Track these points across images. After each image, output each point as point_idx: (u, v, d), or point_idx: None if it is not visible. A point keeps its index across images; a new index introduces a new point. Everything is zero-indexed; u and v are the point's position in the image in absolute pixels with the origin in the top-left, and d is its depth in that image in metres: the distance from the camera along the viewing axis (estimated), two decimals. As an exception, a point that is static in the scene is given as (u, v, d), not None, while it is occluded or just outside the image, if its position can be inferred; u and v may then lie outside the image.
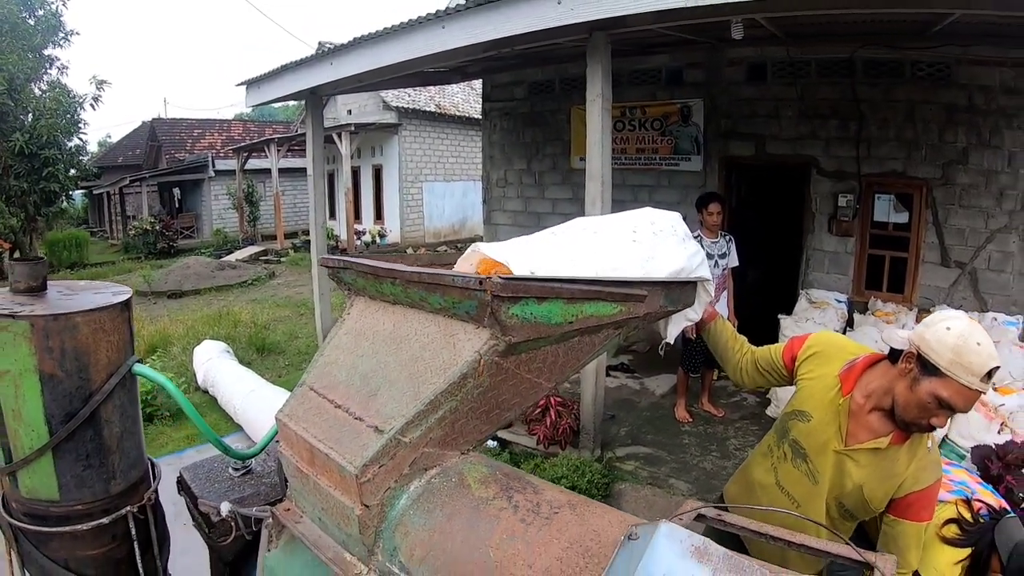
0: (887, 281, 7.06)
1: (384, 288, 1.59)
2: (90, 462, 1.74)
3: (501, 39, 4.89)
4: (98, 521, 1.76)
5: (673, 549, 0.97)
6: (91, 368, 1.71)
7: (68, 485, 1.73)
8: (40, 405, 1.65)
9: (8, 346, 1.63)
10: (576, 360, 1.58)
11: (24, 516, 1.74)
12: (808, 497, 2.20)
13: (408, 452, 1.29)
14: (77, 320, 1.67)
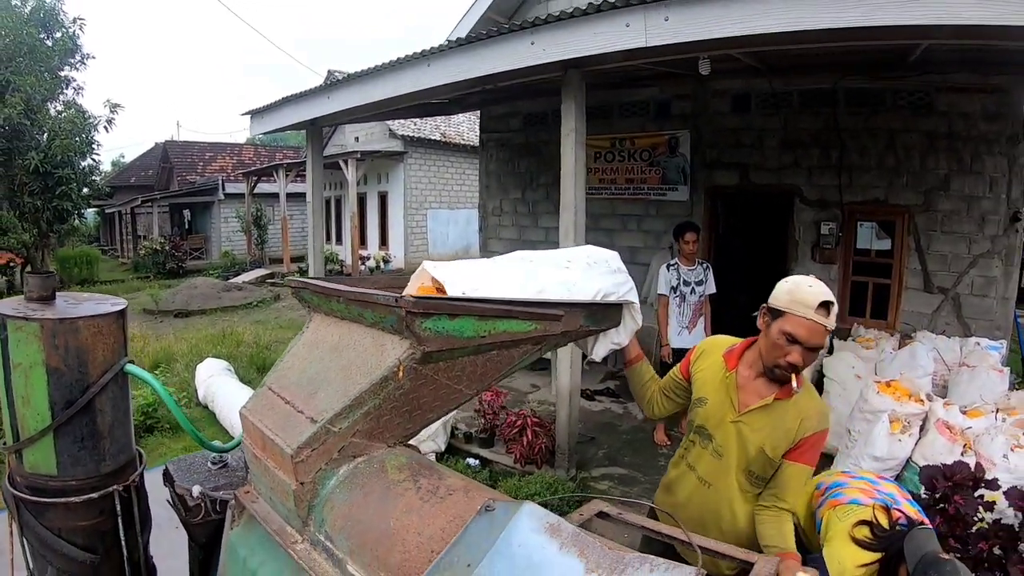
0: (870, 307, 7.21)
1: (333, 305, 1.86)
2: (84, 444, 2.04)
3: (482, 76, 5.21)
4: (88, 495, 2.05)
5: (531, 525, 1.21)
6: (89, 364, 2.02)
7: (65, 463, 2.03)
8: (45, 393, 1.96)
9: (22, 343, 1.95)
10: (496, 370, 1.83)
11: (26, 489, 2.04)
12: (718, 474, 2.46)
13: (337, 440, 1.55)
14: (79, 324, 1.99)
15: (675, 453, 2.77)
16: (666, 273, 6.27)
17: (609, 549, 1.12)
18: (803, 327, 2.18)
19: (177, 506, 2.22)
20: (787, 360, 2.24)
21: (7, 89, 16.46)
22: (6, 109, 15.95)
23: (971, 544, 3.40)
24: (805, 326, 2.18)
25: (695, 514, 2.51)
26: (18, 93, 16.22)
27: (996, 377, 5.66)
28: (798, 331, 2.19)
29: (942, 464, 3.83)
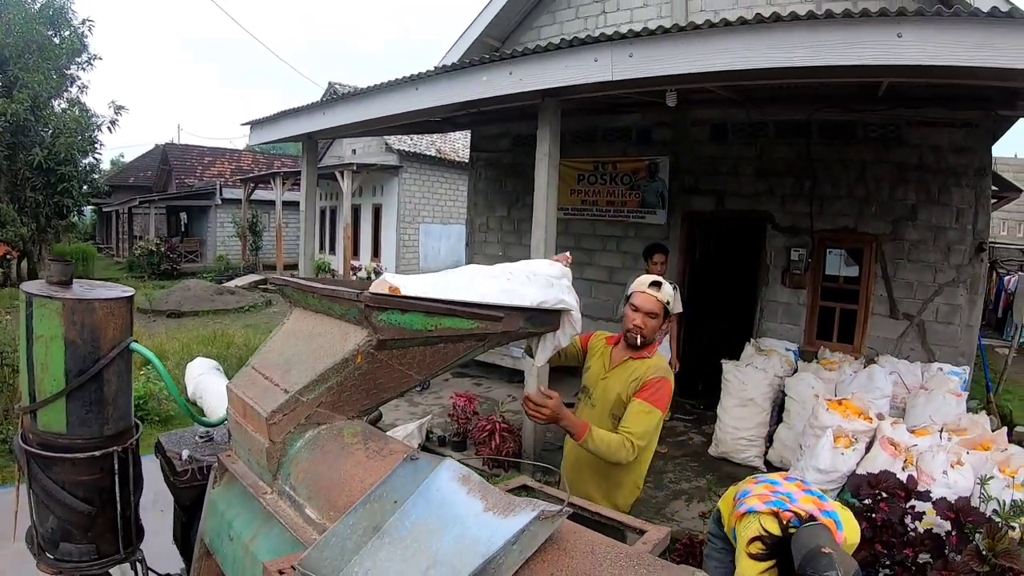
0: (837, 332, 7.46)
1: (309, 300, 2.19)
2: (91, 408, 2.36)
3: (466, 101, 5.59)
4: (91, 454, 2.37)
5: (448, 475, 1.53)
6: (101, 340, 2.35)
7: (74, 423, 2.35)
8: (62, 362, 2.29)
9: (44, 318, 2.28)
10: (443, 360, 2.15)
11: (37, 445, 2.36)
12: (593, 421, 3.05)
13: (304, 408, 1.87)
14: (95, 305, 2.33)
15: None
16: None
17: (504, 495, 1.44)
18: (639, 298, 3.16)
19: (166, 470, 2.55)
20: (633, 324, 3.15)
21: (15, 85, 16.76)
22: (13, 105, 16.24)
23: (896, 551, 3.68)
24: (641, 297, 3.16)
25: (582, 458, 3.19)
26: (26, 89, 16.51)
27: (952, 400, 5.89)
28: (636, 301, 3.17)
29: (867, 472, 4.12)
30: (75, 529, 2.41)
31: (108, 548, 2.51)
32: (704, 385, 8.14)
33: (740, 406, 6.48)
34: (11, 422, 6.65)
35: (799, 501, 2.75)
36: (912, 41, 3.84)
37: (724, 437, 6.52)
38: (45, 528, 2.42)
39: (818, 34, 4.02)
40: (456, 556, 1.24)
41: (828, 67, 4.08)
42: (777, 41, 4.12)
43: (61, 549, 2.44)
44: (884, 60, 3.91)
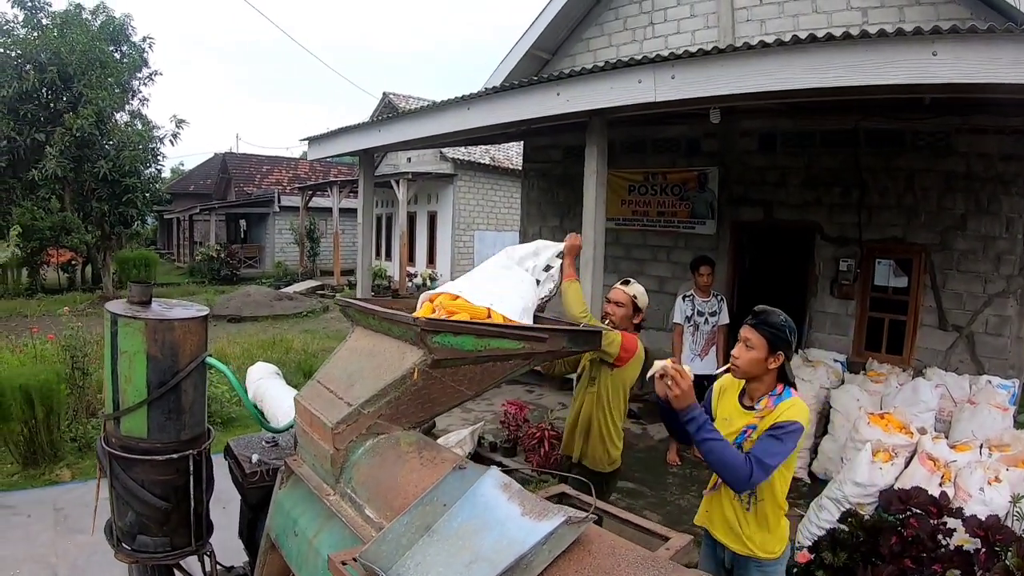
0: (886, 343, 7.41)
1: (370, 321, 2.41)
2: (170, 416, 2.63)
3: (514, 121, 5.80)
4: (169, 456, 2.64)
5: (492, 482, 1.73)
6: (179, 355, 2.61)
7: (154, 429, 2.62)
8: (144, 375, 2.56)
9: (128, 336, 2.55)
10: (492, 377, 2.35)
11: (120, 448, 2.64)
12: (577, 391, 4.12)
13: (365, 420, 2.08)
14: (174, 324, 2.59)
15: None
16: (682, 304, 6.71)
17: (540, 501, 1.63)
18: (611, 292, 4.08)
19: (236, 471, 2.81)
20: (604, 311, 4.11)
21: (80, 101, 17.53)
22: (79, 120, 16.97)
23: (926, 567, 3.74)
24: (612, 291, 4.07)
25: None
26: (90, 105, 17.23)
27: (999, 415, 5.81)
28: (608, 295, 4.11)
29: (899, 488, 4.17)
30: (151, 523, 2.69)
31: (181, 541, 2.78)
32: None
33: (785, 418, 6.48)
34: (79, 421, 7.08)
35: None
36: (947, 59, 3.89)
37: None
38: (124, 522, 2.70)
39: (854, 54, 4.12)
40: (495, 553, 1.44)
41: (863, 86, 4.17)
42: (813, 62, 4.23)
43: (138, 541, 2.71)
44: (919, 79, 3.98)
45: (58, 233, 18.61)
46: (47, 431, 6.46)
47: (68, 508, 5.69)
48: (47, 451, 6.49)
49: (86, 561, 4.76)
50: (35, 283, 20.74)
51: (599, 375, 4.01)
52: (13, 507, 5.75)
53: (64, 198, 18.56)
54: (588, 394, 4.08)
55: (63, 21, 18.58)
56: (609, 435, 4.10)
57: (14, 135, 17.46)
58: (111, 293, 19.50)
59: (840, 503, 4.85)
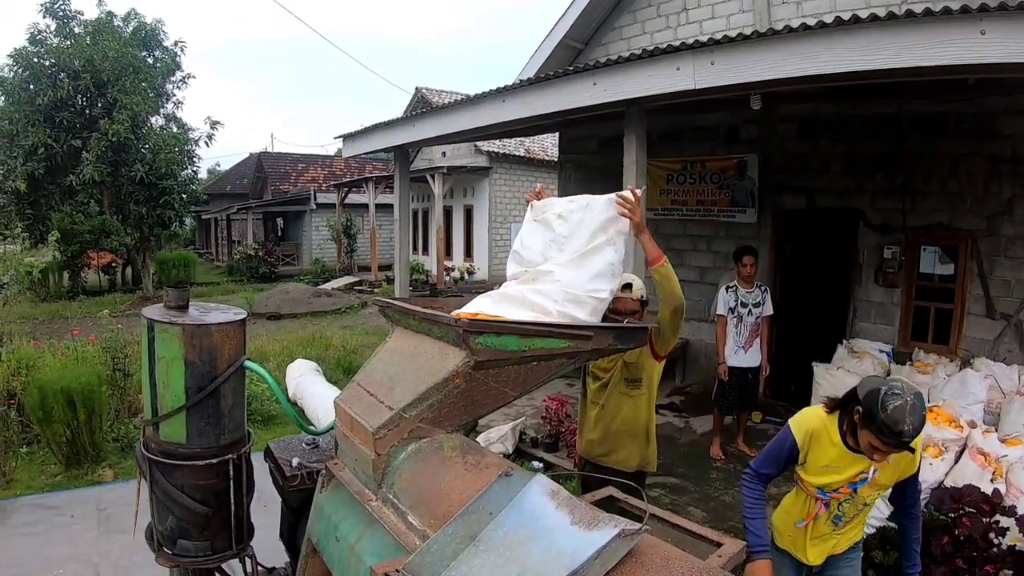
0: (932, 332, 7.22)
1: (410, 322, 2.36)
2: (209, 421, 2.61)
3: (551, 112, 5.72)
4: (209, 461, 2.62)
5: (539, 489, 1.66)
6: (217, 360, 2.58)
7: (193, 434, 2.60)
8: (182, 380, 2.54)
9: (167, 342, 2.53)
10: (536, 378, 2.29)
11: (159, 453, 2.62)
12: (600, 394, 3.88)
13: (407, 424, 2.03)
14: (212, 329, 2.56)
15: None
16: (725, 294, 6.59)
17: (589, 509, 1.56)
18: (618, 303, 3.61)
19: (276, 475, 2.78)
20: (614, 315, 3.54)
21: (115, 107, 17.84)
22: (114, 126, 17.29)
23: (978, 567, 3.61)
24: (619, 301, 3.61)
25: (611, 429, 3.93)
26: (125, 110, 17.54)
27: None
28: (615, 305, 3.57)
29: (951, 487, 4.03)
30: (192, 528, 2.67)
31: (222, 545, 2.76)
32: (796, 386, 8.04)
33: (831, 411, 6.34)
34: (121, 421, 7.19)
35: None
36: (996, 38, 3.74)
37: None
38: (164, 526, 2.68)
39: (898, 35, 3.98)
40: (543, 565, 1.38)
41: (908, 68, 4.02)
42: (857, 44, 4.10)
43: (179, 545, 2.70)
44: (966, 59, 3.83)
45: (98, 236, 18.96)
46: (89, 432, 6.56)
47: (111, 508, 5.76)
48: (89, 452, 6.59)
49: (129, 561, 4.80)
50: (76, 286, 21.09)
51: (645, 373, 3.80)
52: (57, 507, 5.83)
53: (103, 201, 18.90)
54: (632, 397, 3.84)
55: (95, 29, 18.93)
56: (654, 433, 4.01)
57: (51, 142, 17.87)
58: (151, 294, 19.85)
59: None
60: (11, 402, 6.97)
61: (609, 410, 3.90)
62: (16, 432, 6.90)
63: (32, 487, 6.25)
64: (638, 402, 3.85)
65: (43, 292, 19.91)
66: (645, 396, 3.86)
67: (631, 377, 3.82)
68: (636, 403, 3.86)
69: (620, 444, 3.91)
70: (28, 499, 6.00)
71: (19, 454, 6.77)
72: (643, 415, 3.88)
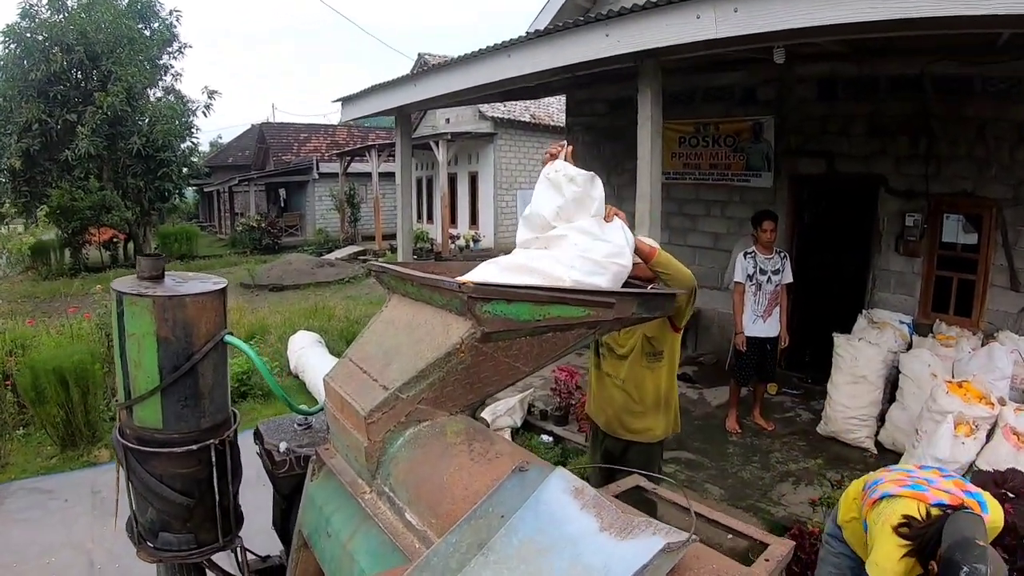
0: (954, 304, 6.97)
1: (408, 288, 2.08)
2: (187, 403, 2.36)
3: (560, 67, 5.37)
4: (189, 447, 2.37)
5: (559, 486, 1.40)
6: (194, 335, 2.32)
7: (170, 418, 2.35)
8: (155, 359, 2.27)
9: (136, 316, 2.26)
10: (552, 351, 2.02)
11: (134, 440, 2.38)
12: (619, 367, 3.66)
13: (405, 405, 1.77)
14: (186, 300, 2.29)
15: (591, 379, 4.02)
16: (743, 261, 6.31)
17: (622, 512, 1.30)
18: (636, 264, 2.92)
19: (265, 460, 2.53)
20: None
21: (110, 79, 17.52)
22: (109, 98, 17.02)
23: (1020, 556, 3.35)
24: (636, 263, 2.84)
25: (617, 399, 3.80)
26: (120, 82, 17.24)
27: None
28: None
29: (994, 470, 3.78)
30: (174, 520, 2.43)
31: (207, 537, 2.53)
32: (812, 356, 7.80)
33: (852, 383, 6.13)
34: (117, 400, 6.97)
35: (938, 483, 2.64)
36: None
37: (834, 416, 6.19)
38: (145, 518, 2.44)
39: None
40: (569, 585, 1.11)
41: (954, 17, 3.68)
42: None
43: (161, 539, 2.47)
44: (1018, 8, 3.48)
45: (98, 212, 18.77)
46: (84, 412, 6.36)
47: (106, 491, 5.54)
48: (84, 432, 6.39)
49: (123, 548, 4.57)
50: (78, 263, 20.86)
51: (667, 345, 3.66)
52: (51, 491, 5.64)
53: (103, 176, 18.61)
54: (653, 369, 3.69)
55: (89, 1, 18.49)
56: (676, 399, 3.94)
57: (45, 117, 17.60)
58: (153, 269, 19.49)
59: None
60: (7, 383, 6.80)
61: (631, 384, 3.74)
62: (12, 414, 6.74)
63: (27, 470, 6.07)
64: (659, 373, 3.70)
65: (44, 270, 19.75)
66: (666, 367, 3.71)
67: (652, 351, 3.65)
68: (657, 375, 3.70)
69: (645, 416, 3.79)
70: (22, 483, 5.82)
71: (15, 436, 6.60)
72: (664, 384, 3.74)
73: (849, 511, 3.05)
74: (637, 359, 3.67)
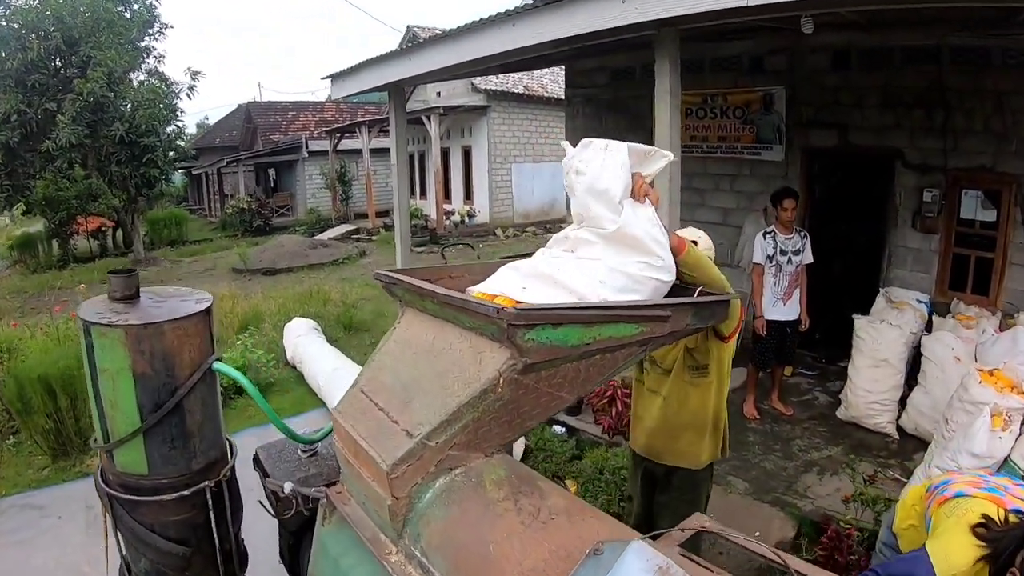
0: (972, 282, 6.74)
1: (427, 304, 1.78)
2: (175, 444, 2.06)
3: (570, 37, 4.99)
4: (180, 493, 2.08)
5: (638, 567, 1.12)
6: (176, 367, 2.01)
7: (156, 462, 2.06)
8: (133, 397, 1.97)
9: (107, 349, 1.95)
10: (599, 374, 1.74)
11: (118, 487, 2.09)
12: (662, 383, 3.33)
13: (433, 454, 1.49)
14: (164, 328, 1.98)
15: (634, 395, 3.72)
16: (762, 241, 6.04)
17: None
18: None
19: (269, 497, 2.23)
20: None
21: (89, 64, 16.97)
22: (89, 84, 16.46)
23: None
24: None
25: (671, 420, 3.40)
26: (100, 67, 16.70)
27: None
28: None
29: None
30: (170, 570, 2.14)
31: (209, 584, 2.23)
32: (823, 334, 7.54)
33: (873, 367, 5.90)
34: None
35: (1013, 489, 2.52)
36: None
37: (855, 401, 5.96)
38: (138, 568, 2.15)
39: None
40: None
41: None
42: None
43: (157, 591, 2.16)
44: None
45: (84, 200, 18.35)
46: (74, 419, 6.01)
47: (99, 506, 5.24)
48: (75, 441, 6.04)
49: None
50: (66, 254, 20.49)
51: (713, 358, 3.23)
52: (43, 507, 5.29)
53: (88, 164, 18.14)
54: (698, 386, 3.29)
55: (65, -16, 17.84)
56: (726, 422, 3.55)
57: (24, 107, 17.00)
58: (143, 256, 19.32)
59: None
60: (-7, 391, 6.45)
61: (673, 401, 3.34)
62: (2, 423, 6.45)
63: (19, 484, 5.73)
64: (705, 391, 3.29)
65: (33, 263, 19.37)
66: (714, 384, 3.29)
67: (695, 364, 3.25)
68: (703, 392, 3.29)
69: (686, 439, 3.39)
70: (13, 500, 5.48)
71: (5, 447, 6.29)
72: (711, 405, 3.33)
73: (907, 518, 2.89)
74: (679, 374, 3.29)
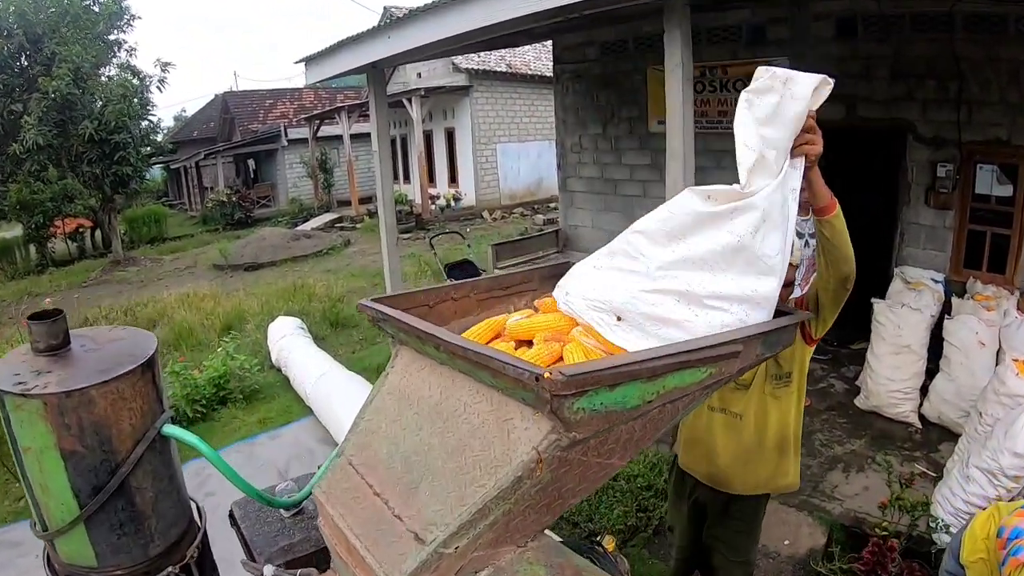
0: (987, 260, 6.45)
1: (428, 349, 1.38)
2: (124, 530, 1.67)
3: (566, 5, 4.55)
4: (138, 584, 1.67)
5: None
6: (114, 439, 1.61)
7: (104, 553, 1.68)
8: (65, 480, 1.58)
9: (25, 424, 1.55)
10: (655, 430, 1.36)
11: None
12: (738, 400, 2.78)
13: (453, 561, 1.11)
14: (92, 394, 1.56)
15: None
16: None
17: None
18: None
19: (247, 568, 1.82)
20: None
21: (53, 61, 16.37)
22: (54, 82, 15.85)
23: None
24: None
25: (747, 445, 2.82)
26: (65, 64, 16.10)
27: None
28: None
29: None
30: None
31: None
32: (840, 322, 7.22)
33: (894, 354, 5.60)
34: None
35: None
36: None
37: (877, 389, 5.66)
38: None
39: None
40: None
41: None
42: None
43: None
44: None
45: (60, 202, 17.96)
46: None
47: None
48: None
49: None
50: (44, 258, 19.97)
51: (796, 363, 2.77)
52: (20, 544, 4.71)
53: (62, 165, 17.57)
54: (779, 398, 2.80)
55: (26, -19, 17.15)
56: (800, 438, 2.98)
57: (-11, 110, 16.37)
58: (122, 257, 18.76)
59: (995, 477, 3.93)
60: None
61: (752, 421, 2.82)
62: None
63: (-5, 515, 5.24)
64: (786, 403, 2.78)
65: (11, 270, 18.83)
66: (795, 393, 2.78)
67: (780, 373, 2.76)
68: (784, 405, 2.78)
69: (770, 463, 2.87)
70: (-13, 536, 4.97)
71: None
72: (792, 418, 2.82)
73: (976, 551, 2.62)
74: (761, 385, 2.78)
